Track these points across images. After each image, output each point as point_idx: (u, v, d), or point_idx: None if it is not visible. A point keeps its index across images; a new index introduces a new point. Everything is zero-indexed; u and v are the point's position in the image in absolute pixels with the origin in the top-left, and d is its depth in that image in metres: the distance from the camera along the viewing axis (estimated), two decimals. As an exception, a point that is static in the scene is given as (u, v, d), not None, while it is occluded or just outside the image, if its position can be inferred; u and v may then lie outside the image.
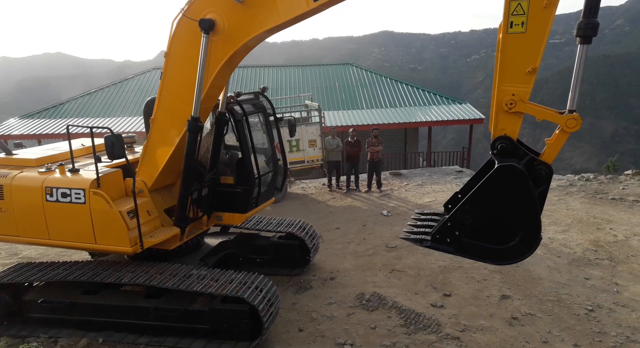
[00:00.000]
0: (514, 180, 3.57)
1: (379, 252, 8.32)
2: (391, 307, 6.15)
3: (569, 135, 3.59)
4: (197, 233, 6.39)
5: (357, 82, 23.44)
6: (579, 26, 3.41)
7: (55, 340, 5.39)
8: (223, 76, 5.33)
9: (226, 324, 5.21)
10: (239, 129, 6.00)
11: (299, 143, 12.28)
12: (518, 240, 3.64)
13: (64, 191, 5.36)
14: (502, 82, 3.62)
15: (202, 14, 4.90)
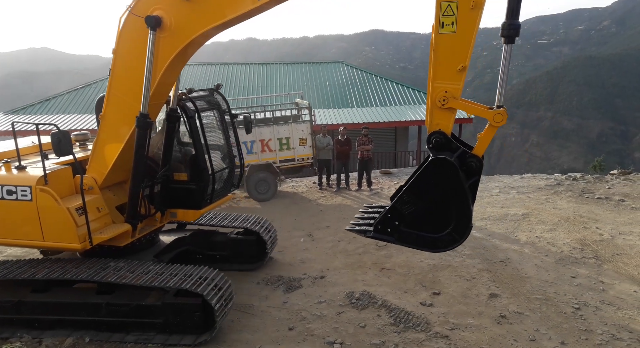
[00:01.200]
0: (445, 172, 3.77)
1: (369, 250, 8.34)
2: (381, 305, 6.16)
3: (496, 129, 3.78)
4: (150, 230, 6.37)
5: (348, 80, 23.44)
6: (502, 27, 3.60)
7: (39, 340, 5.30)
8: (172, 72, 5.35)
9: (179, 318, 5.24)
10: (191, 125, 6.00)
11: (289, 141, 12.25)
12: (451, 229, 3.85)
13: (10, 188, 5.29)
14: (435, 80, 3.80)
15: (149, 11, 4.93)
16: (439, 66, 3.77)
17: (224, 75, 23.62)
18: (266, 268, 7.67)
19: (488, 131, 3.80)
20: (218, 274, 5.58)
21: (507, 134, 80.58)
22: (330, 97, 21.94)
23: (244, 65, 25.36)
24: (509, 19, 3.58)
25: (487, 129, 3.79)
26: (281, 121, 12.40)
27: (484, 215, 10.02)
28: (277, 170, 12.19)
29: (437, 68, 3.78)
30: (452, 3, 3.57)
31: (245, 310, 6.20)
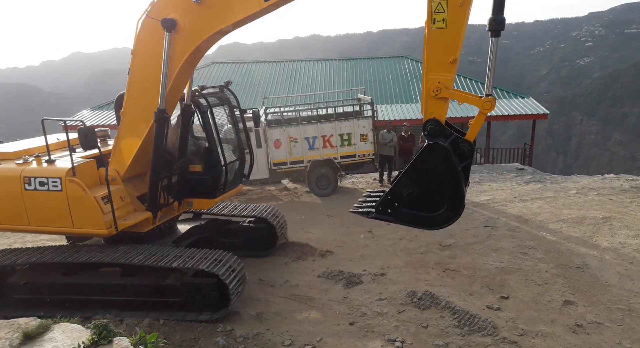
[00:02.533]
0: (439, 156, 4.06)
1: (432, 250, 8.11)
2: (444, 306, 5.98)
3: (484, 116, 4.08)
4: (169, 218, 6.85)
5: (412, 74, 22.90)
6: (489, 22, 3.85)
7: (120, 319, 5.74)
8: (186, 70, 5.76)
9: (196, 296, 5.73)
10: (204, 120, 6.42)
11: (351, 137, 12.20)
12: (446, 208, 4.16)
13: (42, 180, 5.77)
14: (429, 72, 4.09)
15: (164, 15, 5.31)
16: (432, 59, 4.06)
17: (287, 72, 24.05)
18: (326, 262, 7.73)
19: (478, 118, 4.11)
20: (232, 257, 5.95)
21: (586, 131, 74.70)
22: (393, 92, 21.57)
23: (307, 61, 25.64)
24: (495, 14, 3.84)
25: (477, 116, 4.09)
26: (343, 117, 12.40)
27: (559, 217, 9.36)
28: (338, 166, 12.22)
29: (430, 61, 4.07)
30: (443, 1, 3.85)
31: (306, 302, 6.29)
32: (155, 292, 5.89)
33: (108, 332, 3.36)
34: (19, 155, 6.31)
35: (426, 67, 4.10)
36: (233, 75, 23.79)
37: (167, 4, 5.35)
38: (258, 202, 11.85)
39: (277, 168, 12.19)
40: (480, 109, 4.03)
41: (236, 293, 5.69)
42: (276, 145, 11.98)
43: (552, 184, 12.18)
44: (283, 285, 6.92)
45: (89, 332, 3.45)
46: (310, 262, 7.79)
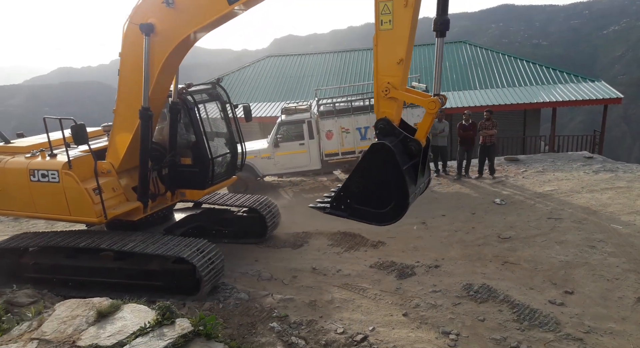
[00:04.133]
0: (383, 155, 4.15)
1: (490, 242, 7.82)
2: (502, 300, 5.77)
3: (432, 115, 4.17)
4: (161, 208, 7.35)
5: (470, 60, 21.97)
6: (434, 22, 4.01)
7: (183, 302, 6.08)
8: (168, 70, 6.17)
9: (176, 281, 6.23)
10: (191, 116, 6.88)
11: (405, 126, 11.96)
12: (393, 205, 4.27)
13: (43, 172, 6.40)
14: (378, 72, 4.23)
15: (144, 20, 5.75)
16: (381, 60, 4.18)
17: (340, 63, 23.94)
18: (378, 253, 7.71)
19: (425, 118, 4.24)
20: (210, 245, 6.38)
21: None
22: (450, 79, 20.84)
23: (360, 51, 25.34)
24: (439, 15, 4.00)
25: (424, 116, 4.21)
26: (397, 106, 12.17)
27: (633, 209, 8.66)
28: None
29: (379, 62, 4.20)
30: (389, 2, 3.94)
31: (358, 291, 6.32)
32: (141, 276, 6.41)
33: (171, 314, 3.58)
34: (29, 150, 6.96)
35: (376, 68, 4.25)
36: (287, 67, 24.09)
37: (145, 10, 5.82)
38: (310, 192, 12.01)
39: (329, 159, 12.22)
40: (426, 109, 4.14)
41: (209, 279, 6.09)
42: (328, 136, 12.02)
43: (626, 174, 11.26)
44: (335, 274, 6.99)
45: (154, 313, 3.70)
46: (362, 253, 7.80)
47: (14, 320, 4.14)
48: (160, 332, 3.40)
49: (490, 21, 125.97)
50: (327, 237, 8.55)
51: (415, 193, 4.51)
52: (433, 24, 4.02)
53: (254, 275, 7.08)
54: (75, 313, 3.76)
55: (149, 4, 5.81)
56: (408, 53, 4.12)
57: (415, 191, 4.46)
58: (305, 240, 8.58)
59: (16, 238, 7.19)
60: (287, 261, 7.66)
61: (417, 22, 4.12)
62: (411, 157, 4.30)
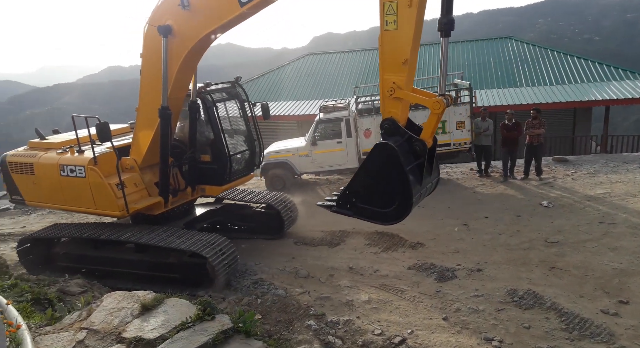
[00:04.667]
0: (387, 155, 4.17)
1: (536, 246, 7.49)
2: (550, 307, 5.50)
3: (437, 115, 4.14)
4: (182, 202, 7.60)
5: (516, 57, 21.14)
6: (439, 22, 3.96)
7: (223, 297, 6.19)
8: (186, 70, 6.34)
9: (192, 274, 6.42)
10: (209, 114, 7.08)
11: (445, 125, 11.63)
12: (396, 205, 4.27)
13: (72, 168, 6.78)
14: (384, 72, 4.23)
15: (162, 22, 5.94)
16: (386, 60, 4.18)
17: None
18: (417, 254, 7.55)
19: (430, 118, 4.22)
20: (225, 241, 6.54)
21: None
22: (495, 76, 20.14)
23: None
24: (444, 15, 3.95)
25: (429, 116, 4.19)
26: (438, 104, 11.84)
27: (696, 216, 8.05)
28: (432, 154, 11.74)
29: (384, 62, 4.19)
30: (393, 3, 3.93)
31: (396, 293, 6.22)
32: (160, 268, 6.64)
33: (212, 309, 3.64)
34: (60, 146, 7.29)
35: (381, 68, 4.26)
36: (326, 65, 24.08)
37: (163, 13, 6.04)
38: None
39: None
40: (431, 110, 4.14)
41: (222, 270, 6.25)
42: (366, 135, 11.89)
43: (689, 177, 10.49)
44: (373, 274, 6.91)
45: (195, 308, 3.78)
46: (400, 253, 7.67)
47: (66, 309, 4.35)
48: (201, 327, 3.47)
49: (538, 16, 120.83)
50: (364, 237, 8.47)
51: (421, 193, 4.49)
52: (438, 24, 4.00)
53: (291, 273, 7.11)
54: (121, 305, 3.90)
55: (166, 6, 6.01)
56: (413, 53, 4.13)
57: (421, 191, 4.44)
58: (342, 238, 8.53)
59: (48, 229, 7.64)
60: (324, 259, 7.65)
61: (423, 22, 4.10)
62: (416, 157, 4.30)
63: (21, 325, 3.30)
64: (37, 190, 7.34)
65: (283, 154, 12.01)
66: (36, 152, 7.43)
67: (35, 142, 7.78)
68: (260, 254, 8.05)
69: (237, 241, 8.76)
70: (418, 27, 4.03)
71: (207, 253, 6.12)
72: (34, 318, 4.08)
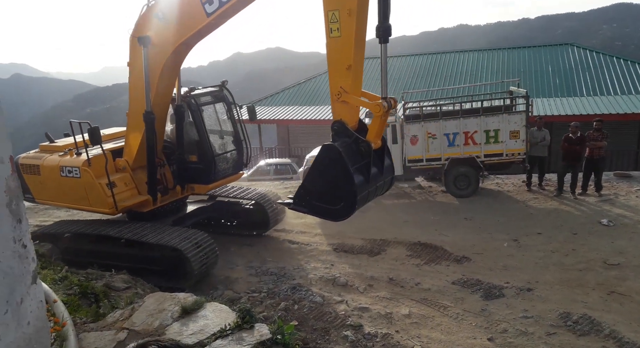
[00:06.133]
0: (332, 155, 4.34)
1: (594, 267, 6.97)
2: (608, 335, 5.08)
3: (379, 118, 4.40)
4: (171, 200, 8.02)
5: (577, 64, 20.03)
6: (376, 29, 4.20)
7: (260, 300, 6.20)
8: (168, 76, 6.79)
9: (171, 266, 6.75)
10: (194, 117, 7.58)
11: (498, 134, 11.14)
12: (344, 202, 4.44)
13: (69, 169, 7.31)
14: (331, 77, 4.45)
15: (143, 33, 6.41)
16: (332, 66, 4.39)
17: (429, 65, 23.21)
18: (462, 269, 7.24)
19: (373, 121, 4.47)
20: (202, 235, 6.91)
21: None
22: (553, 84, 19.18)
23: (451, 53, 24.34)
24: (381, 22, 4.16)
25: (373, 119, 4.46)
26: (490, 112, 11.39)
27: None
28: (481, 165, 11.29)
29: (331, 67, 4.40)
30: (335, 12, 4.12)
31: (438, 308, 5.97)
32: (147, 261, 7.00)
33: (250, 317, 3.62)
34: (63, 149, 7.79)
35: (329, 74, 4.45)
36: (372, 70, 23.92)
37: (143, 25, 6.49)
38: (389, 199, 11.69)
39: (411, 165, 11.82)
40: (373, 112, 4.34)
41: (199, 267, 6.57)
42: (412, 142, 11.62)
43: None
44: (414, 287, 6.68)
45: (234, 315, 3.77)
46: (444, 267, 7.38)
47: (110, 305, 4.49)
48: (239, 336, 3.44)
49: (602, 21, 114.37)
50: (406, 247, 8.24)
51: (369, 191, 4.64)
52: (375, 30, 4.20)
53: (329, 280, 7.02)
54: (162, 307, 3.97)
55: (145, 19, 6.48)
56: (357, 59, 4.30)
57: (369, 189, 4.60)
58: (383, 248, 8.34)
59: (50, 226, 8.30)
60: (364, 268, 7.50)
61: (366, 29, 4.29)
62: (364, 157, 4.49)
63: (66, 323, 3.42)
64: (44, 189, 7.95)
65: None
66: (43, 154, 8.04)
67: (45, 145, 8.36)
68: (298, 259, 8.02)
69: (270, 244, 8.80)
70: (359, 34, 4.21)
71: (182, 247, 6.51)
72: (80, 313, 4.23)
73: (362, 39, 4.31)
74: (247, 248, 8.65)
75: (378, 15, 4.18)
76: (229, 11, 5.71)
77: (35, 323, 2.35)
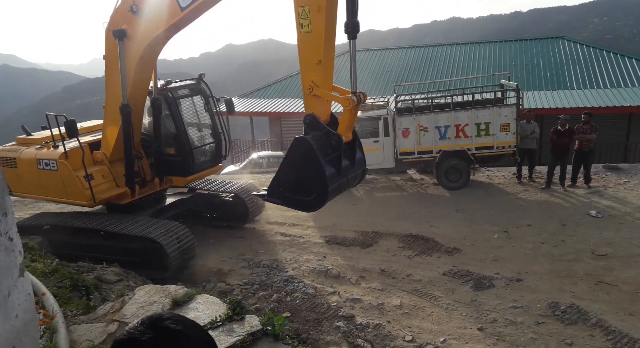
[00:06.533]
0: (303, 148, 4.43)
1: (582, 258, 7.07)
2: (595, 324, 5.18)
3: (349, 111, 4.47)
4: (151, 192, 8.07)
5: (568, 58, 20.12)
6: (345, 26, 4.27)
7: (253, 292, 6.21)
8: (143, 70, 6.79)
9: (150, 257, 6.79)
10: (171, 110, 7.61)
11: (489, 127, 11.18)
12: (316, 193, 4.52)
13: (46, 161, 7.33)
14: (303, 72, 4.54)
15: (118, 26, 6.41)
16: (303, 61, 4.48)
17: (422, 58, 23.18)
18: (453, 260, 7.31)
19: (344, 114, 4.54)
20: (179, 226, 7.06)
21: None
22: (544, 77, 19.26)
23: (444, 46, 24.31)
24: (349, 19, 4.24)
25: (343, 112, 4.54)
26: (482, 105, 11.43)
27: None
28: (472, 157, 11.35)
29: (302, 62, 4.50)
30: (306, 7, 4.20)
31: (429, 299, 6.03)
32: (126, 252, 7.05)
33: (241, 309, 3.63)
34: (40, 142, 7.77)
35: (301, 68, 4.55)
36: (365, 63, 23.84)
37: (118, 18, 6.49)
38: (382, 191, 11.74)
39: (403, 157, 11.84)
40: (343, 107, 4.45)
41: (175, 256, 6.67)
42: (404, 134, 11.63)
43: None
44: (405, 278, 6.73)
45: (224, 306, 3.78)
46: (435, 258, 7.45)
47: (100, 298, 4.48)
48: (230, 328, 3.46)
49: (593, 15, 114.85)
50: (398, 239, 8.29)
51: (341, 183, 4.73)
52: (344, 27, 4.29)
53: (322, 272, 7.05)
54: (152, 299, 3.97)
55: (120, 12, 6.47)
56: (327, 54, 4.40)
57: (341, 181, 4.69)
58: (375, 240, 8.39)
59: (30, 218, 8.36)
60: (356, 260, 7.54)
61: (336, 25, 4.38)
62: (334, 149, 4.58)
63: (55, 315, 3.40)
64: (21, 182, 7.92)
65: None
66: (19, 147, 8.00)
67: (21, 138, 8.32)
68: (291, 251, 8.04)
69: (279, 238, 8.80)
70: (329, 29, 4.30)
71: (158, 238, 6.63)
72: (71, 305, 4.22)
73: (332, 35, 4.41)
74: (239, 241, 8.64)
75: (347, 12, 4.26)
76: (202, 5, 5.77)
77: (23, 316, 2.33)
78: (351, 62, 4.49)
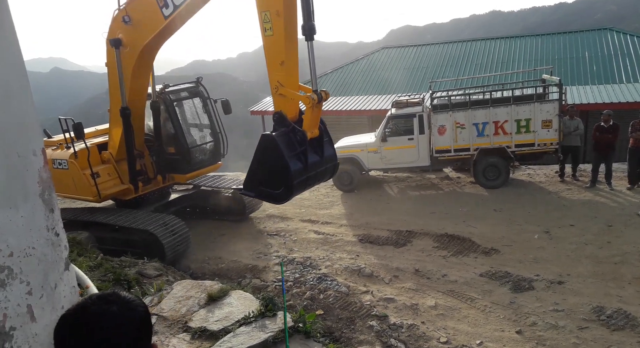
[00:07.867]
0: (268, 144, 4.62)
1: (630, 260, 6.71)
2: (644, 332, 4.90)
3: (311, 109, 4.68)
4: (154, 189, 8.69)
5: (617, 50, 19.05)
6: (302, 28, 4.45)
7: (288, 289, 6.28)
8: (140, 74, 7.32)
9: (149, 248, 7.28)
10: (169, 112, 8.28)
11: (529, 123, 10.75)
12: (283, 186, 4.67)
13: (59, 161, 8.02)
14: (269, 73, 4.79)
15: (115, 35, 6.97)
16: (268, 62, 4.72)
17: (459, 53, 22.60)
18: (490, 261, 7.12)
19: (306, 111, 4.75)
20: (175, 220, 7.70)
21: None
22: (590, 71, 18.35)
23: (482, 40, 23.59)
24: (306, 21, 4.41)
25: (305, 110, 4.75)
26: (522, 100, 11.02)
27: None
28: (511, 155, 10.98)
29: (268, 63, 4.74)
30: (267, 12, 4.44)
31: (465, 300, 5.90)
32: (128, 244, 7.56)
33: (273, 305, 3.68)
34: (56, 143, 8.46)
35: (267, 69, 4.78)
36: (401, 59, 23.54)
37: (115, 28, 7.03)
38: (416, 190, 11.57)
39: (439, 155, 11.60)
40: (305, 104, 4.67)
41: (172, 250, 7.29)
42: (440, 132, 11.39)
43: None
44: (440, 279, 6.62)
45: (257, 303, 3.85)
46: (472, 259, 7.27)
47: (140, 292, 4.67)
48: (262, 323, 3.52)
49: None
50: (433, 238, 8.16)
51: (309, 176, 4.87)
52: (301, 29, 4.46)
53: (355, 270, 7.04)
54: (189, 294, 4.09)
55: (115, 22, 7.00)
56: (289, 55, 4.62)
57: (308, 175, 4.84)
58: (409, 239, 8.28)
59: None
60: (389, 259, 7.47)
61: (296, 28, 4.56)
62: (300, 145, 4.73)
63: None
64: None
65: (352, 150, 11.87)
66: None
67: (44, 141, 8.86)
68: (324, 249, 8.07)
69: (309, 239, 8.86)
70: (289, 32, 4.51)
71: (154, 230, 7.18)
72: (113, 298, 4.42)
73: (293, 37, 4.63)
74: (273, 238, 8.76)
75: (302, 14, 4.44)
76: (183, 13, 6.19)
77: (68, 307, 2.46)
78: (310, 62, 4.71)
